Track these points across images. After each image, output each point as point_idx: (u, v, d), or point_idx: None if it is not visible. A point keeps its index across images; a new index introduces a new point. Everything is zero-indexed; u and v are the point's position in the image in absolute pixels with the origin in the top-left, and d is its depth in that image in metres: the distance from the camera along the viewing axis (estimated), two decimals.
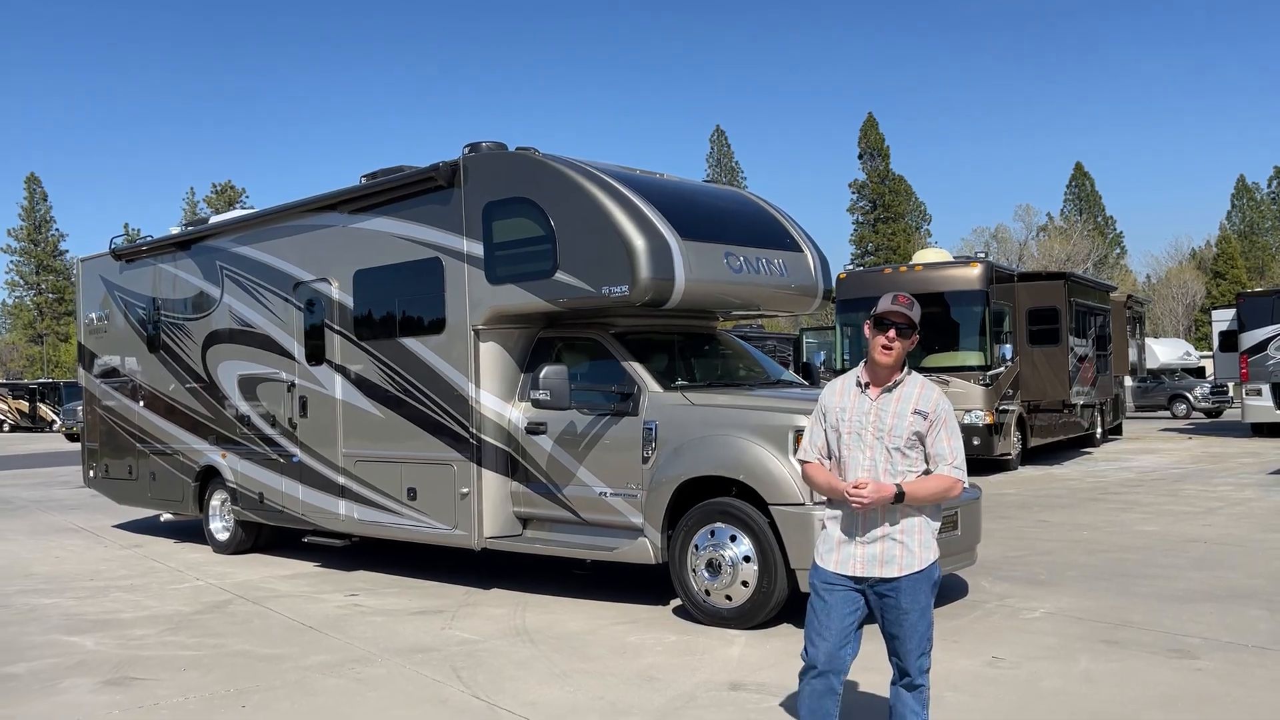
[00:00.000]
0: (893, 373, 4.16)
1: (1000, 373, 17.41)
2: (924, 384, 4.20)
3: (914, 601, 4.09)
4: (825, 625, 4.12)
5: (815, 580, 4.22)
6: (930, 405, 4.12)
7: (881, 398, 4.14)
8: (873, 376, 4.18)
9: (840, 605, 4.12)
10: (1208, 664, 6.10)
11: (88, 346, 13.54)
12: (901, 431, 4.09)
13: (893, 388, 4.15)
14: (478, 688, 6.02)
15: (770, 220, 9.19)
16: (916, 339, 4.18)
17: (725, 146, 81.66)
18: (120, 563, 11.06)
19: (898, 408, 4.11)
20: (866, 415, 4.12)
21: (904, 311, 4.11)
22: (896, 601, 4.09)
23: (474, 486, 8.59)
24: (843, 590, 4.13)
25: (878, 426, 4.11)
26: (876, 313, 4.13)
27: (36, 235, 79.07)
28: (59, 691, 6.21)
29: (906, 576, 4.09)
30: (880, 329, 4.11)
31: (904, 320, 4.10)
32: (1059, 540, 10.73)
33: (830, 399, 4.28)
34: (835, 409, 4.22)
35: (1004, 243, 73.45)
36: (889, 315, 4.10)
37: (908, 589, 4.09)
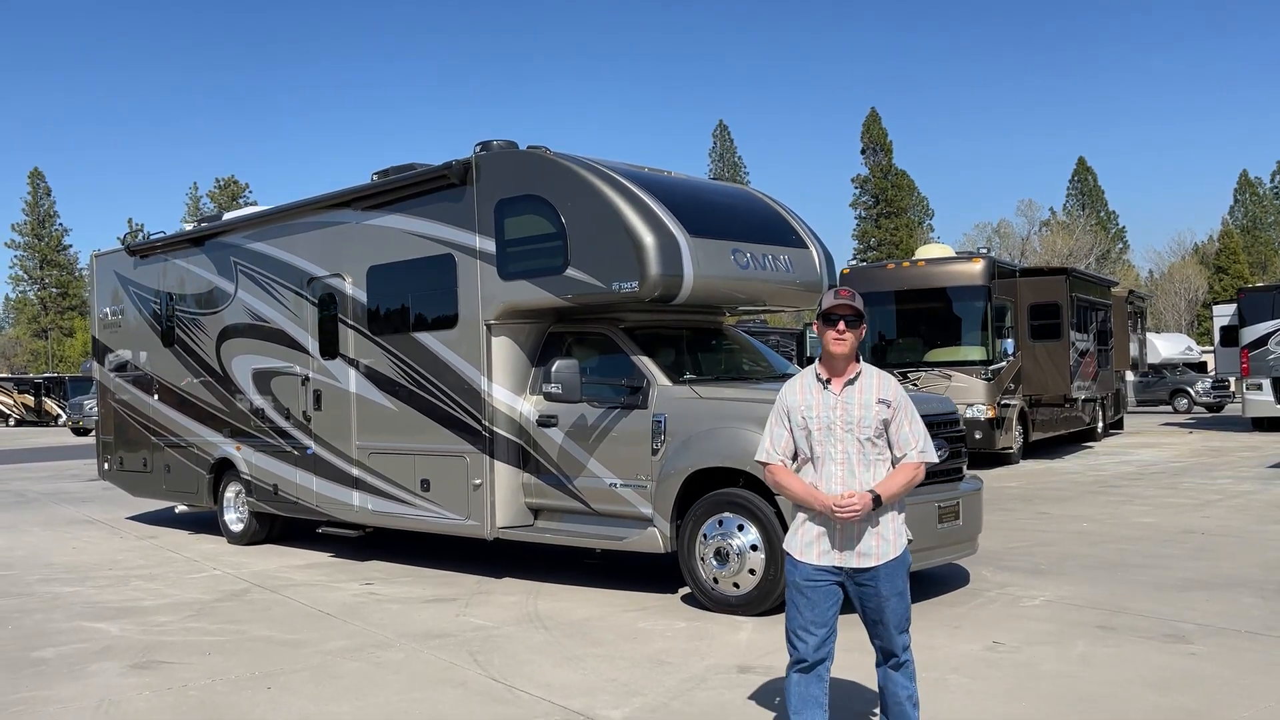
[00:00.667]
0: (849, 364, 4.29)
1: (1002, 367, 17.58)
2: (880, 374, 4.36)
3: (893, 587, 4.24)
4: (810, 620, 4.24)
5: (797, 578, 4.29)
6: (891, 393, 4.29)
7: (845, 391, 4.26)
8: (831, 370, 4.30)
9: (823, 599, 4.25)
10: (1201, 648, 6.30)
11: (102, 341, 13.74)
12: (870, 421, 4.23)
13: (854, 380, 4.28)
14: (494, 670, 6.22)
15: (776, 217, 9.38)
16: (865, 328, 4.37)
17: (728, 141, 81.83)
18: (137, 553, 11.27)
19: (862, 398, 4.25)
20: (833, 410, 4.24)
21: (849, 303, 4.27)
22: (877, 590, 4.23)
23: (486, 478, 8.78)
24: (825, 585, 4.24)
25: (846, 419, 4.23)
26: (823, 310, 4.30)
27: (40, 230, 79.32)
28: (88, 675, 6.41)
29: (885, 565, 4.23)
30: (829, 324, 4.26)
31: (850, 311, 4.25)
32: (1059, 532, 10.92)
33: (792, 398, 4.36)
34: (800, 407, 4.31)
35: (1006, 238, 73.58)
36: (835, 309, 4.26)
37: (886, 576, 4.23)
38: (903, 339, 18.78)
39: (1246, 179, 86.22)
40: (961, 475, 8.20)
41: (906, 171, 78.95)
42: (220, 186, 76.05)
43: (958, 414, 8.37)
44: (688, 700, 5.56)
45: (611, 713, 5.39)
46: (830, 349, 4.27)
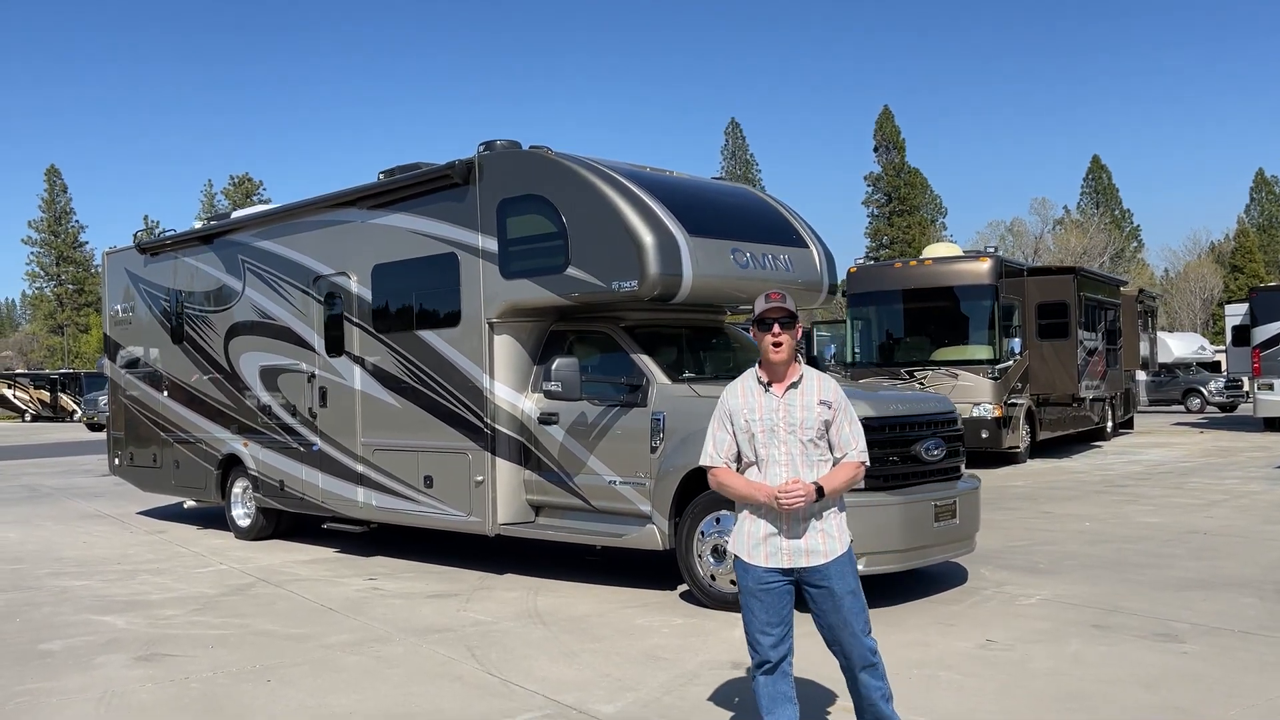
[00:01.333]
0: (789, 367, 4.32)
1: (1008, 366, 17.58)
2: (820, 375, 4.41)
3: (845, 584, 4.25)
4: (766, 622, 4.26)
5: (749, 582, 4.29)
6: (832, 395, 4.33)
7: (787, 394, 4.30)
8: (771, 375, 4.33)
9: (777, 601, 4.26)
10: (1194, 647, 6.33)
11: (113, 337, 13.88)
12: (812, 423, 4.27)
13: (796, 383, 4.31)
14: (491, 665, 6.30)
15: (777, 217, 9.43)
16: (801, 329, 4.40)
17: (740, 139, 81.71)
18: (146, 547, 11.40)
19: (804, 400, 4.29)
20: (776, 412, 4.27)
21: (781, 305, 4.30)
22: (830, 589, 4.24)
23: (488, 475, 8.86)
24: (777, 587, 4.26)
25: (789, 421, 4.26)
26: (756, 315, 4.32)
27: (57, 227, 79.80)
28: (94, 667, 6.52)
29: (834, 561, 4.25)
30: (764, 328, 4.29)
31: (783, 314, 4.28)
32: (1061, 531, 10.94)
33: (734, 401, 4.38)
34: (743, 410, 4.33)
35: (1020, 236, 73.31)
36: (768, 314, 4.29)
37: (837, 573, 4.25)
38: (910, 338, 18.79)
39: (1263, 177, 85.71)
40: (959, 474, 8.23)
41: (919, 169, 78.77)
42: (235, 184, 76.36)
43: (956, 414, 8.40)
44: (680, 695, 5.62)
45: (603, 707, 5.46)
46: (769, 354, 4.30)
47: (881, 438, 7.54)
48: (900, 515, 7.43)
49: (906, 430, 7.72)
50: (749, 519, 4.34)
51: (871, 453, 7.29)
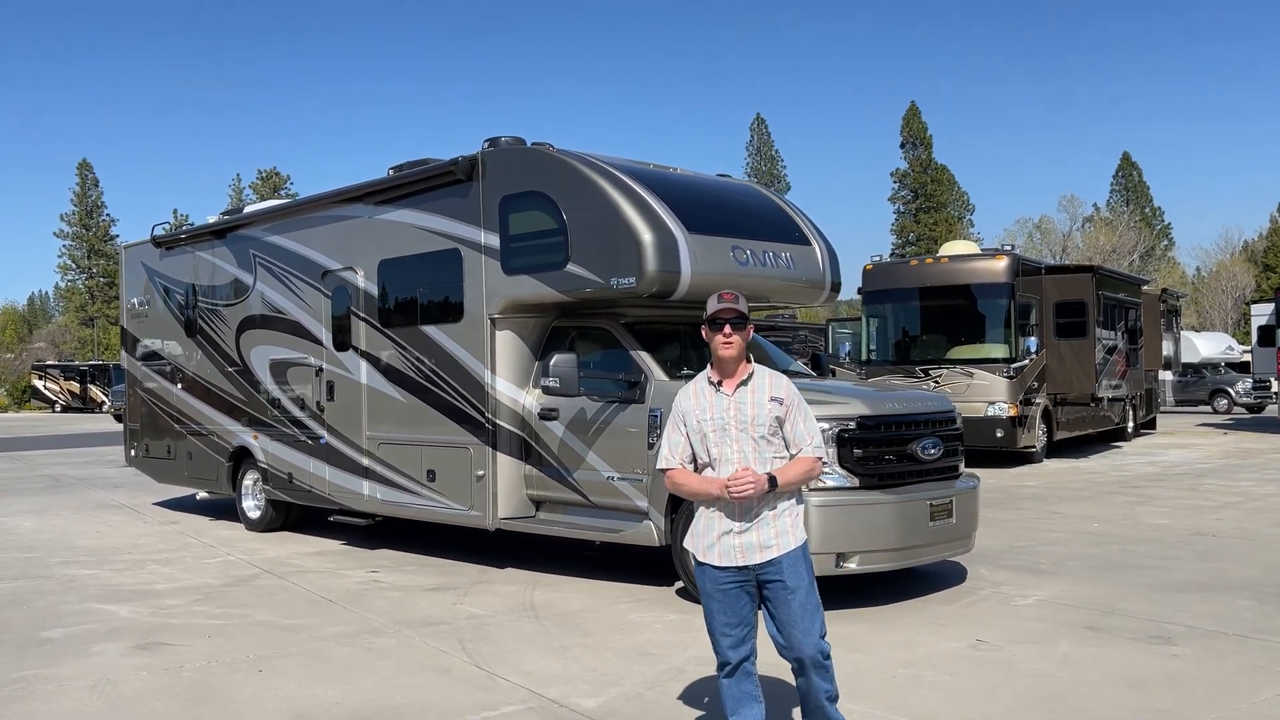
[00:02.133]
0: (739, 365, 4.33)
1: (1024, 365, 17.46)
2: (772, 374, 4.39)
3: (798, 578, 4.23)
4: (725, 623, 4.28)
5: (706, 584, 4.31)
6: (783, 391, 4.32)
7: (738, 392, 4.30)
8: (722, 373, 4.34)
9: (734, 602, 4.26)
10: (1184, 650, 6.29)
11: (130, 330, 14.06)
12: (764, 420, 4.25)
13: (746, 381, 4.32)
14: (480, 658, 6.35)
15: (779, 214, 9.42)
16: (752, 329, 4.41)
17: (765, 135, 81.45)
18: (158, 538, 11.55)
19: (755, 398, 4.28)
20: (727, 411, 4.27)
21: (732, 306, 4.30)
22: (783, 582, 4.21)
23: (489, 469, 8.92)
24: (734, 587, 4.26)
25: (739, 419, 4.26)
26: (708, 315, 4.32)
27: (88, 220, 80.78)
28: (91, 655, 6.63)
29: (786, 555, 4.23)
30: (715, 328, 4.30)
31: (734, 314, 4.29)
32: (1067, 531, 10.87)
33: (686, 403, 4.37)
34: (694, 412, 4.33)
35: (1048, 234, 72.74)
36: (720, 314, 4.29)
37: (790, 567, 4.22)
38: (925, 336, 18.71)
39: None
40: (958, 473, 8.20)
41: (946, 166, 78.30)
42: (262, 178, 77.02)
43: (955, 413, 8.36)
44: (663, 690, 5.65)
45: (585, 701, 5.49)
46: (719, 353, 4.31)
47: (876, 436, 7.54)
48: (894, 514, 7.41)
49: (902, 429, 7.70)
50: (704, 517, 4.34)
51: (865, 451, 7.44)
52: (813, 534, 7.11)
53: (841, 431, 7.36)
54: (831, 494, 7.29)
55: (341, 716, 5.34)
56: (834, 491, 7.31)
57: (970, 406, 17.26)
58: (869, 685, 5.66)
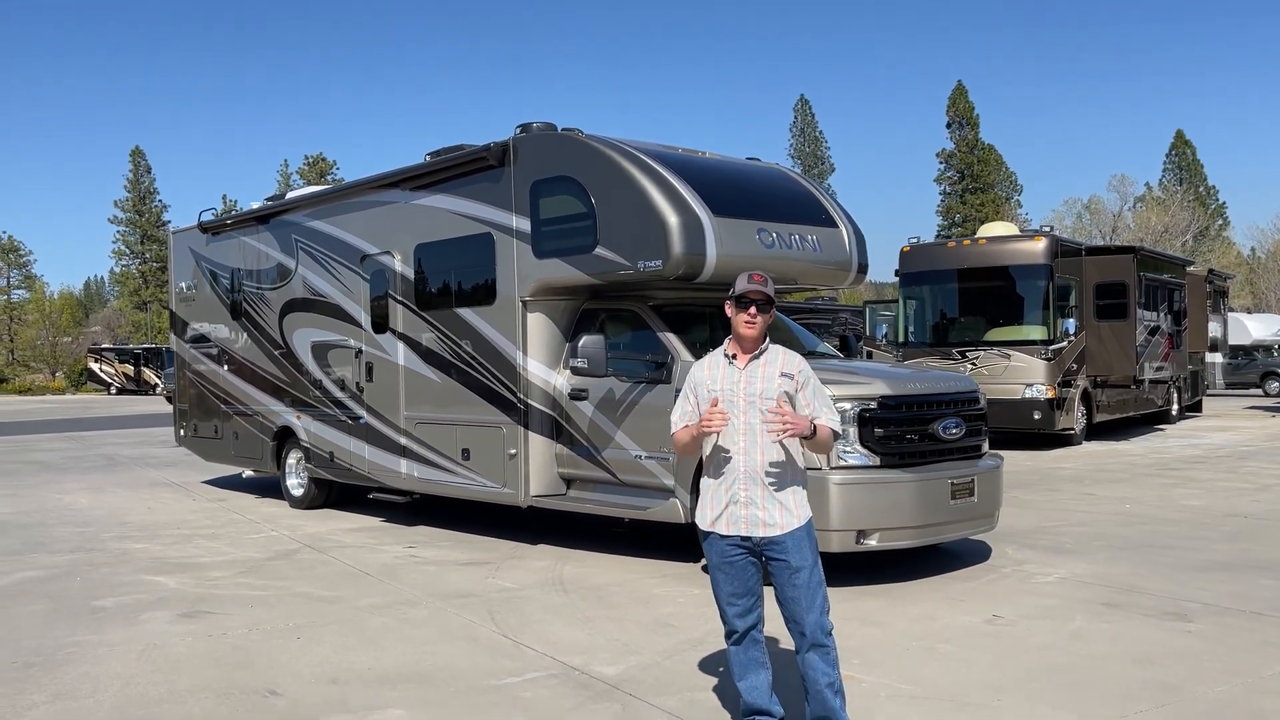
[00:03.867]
0: (757, 345, 4.46)
1: (1063, 347, 17.38)
2: (785, 351, 4.52)
3: (802, 558, 4.32)
4: (731, 593, 4.42)
5: (713, 555, 4.46)
6: (794, 368, 4.45)
7: (749, 366, 4.43)
8: (739, 349, 4.47)
9: (741, 571, 4.40)
10: (1199, 627, 6.37)
11: (178, 314, 14.48)
12: (771, 394, 4.35)
13: (758, 356, 4.45)
14: (507, 628, 6.59)
15: (806, 197, 9.53)
16: (774, 313, 4.52)
17: (809, 116, 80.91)
18: (205, 514, 11.95)
19: (765, 371, 4.41)
20: (737, 384, 4.40)
21: (761, 289, 4.42)
22: (787, 561, 4.32)
23: (521, 448, 9.16)
24: (740, 557, 4.39)
25: (748, 392, 4.37)
26: (736, 293, 4.44)
27: (141, 206, 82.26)
28: (140, 622, 6.97)
29: (790, 534, 4.33)
30: (741, 307, 4.42)
31: (762, 297, 4.41)
32: (1099, 512, 10.90)
33: (700, 374, 4.52)
34: (706, 382, 4.47)
35: (1097, 214, 71.59)
36: (749, 294, 4.41)
37: (794, 546, 4.32)
38: (963, 318, 18.67)
39: None
40: (980, 453, 8.29)
41: (994, 146, 77.23)
42: (309, 163, 77.94)
43: (978, 393, 8.43)
44: (680, 660, 5.85)
45: (606, 669, 5.71)
46: (740, 331, 4.43)
47: (898, 416, 7.66)
48: (914, 492, 7.53)
49: (923, 409, 7.81)
50: (711, 489, 4.47)
51: (887, 430, 7.57)
52: (833, 511, 7.34)
53: (863, 411, 7.48)
54: (852, 472, 7.43)
55: (373, 680, 5.60)
56: (855, 470, 7.45)
57: (1007, 388, 17.28)
58: (881, 657, 5.82)
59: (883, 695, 5.21)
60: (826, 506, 7.31)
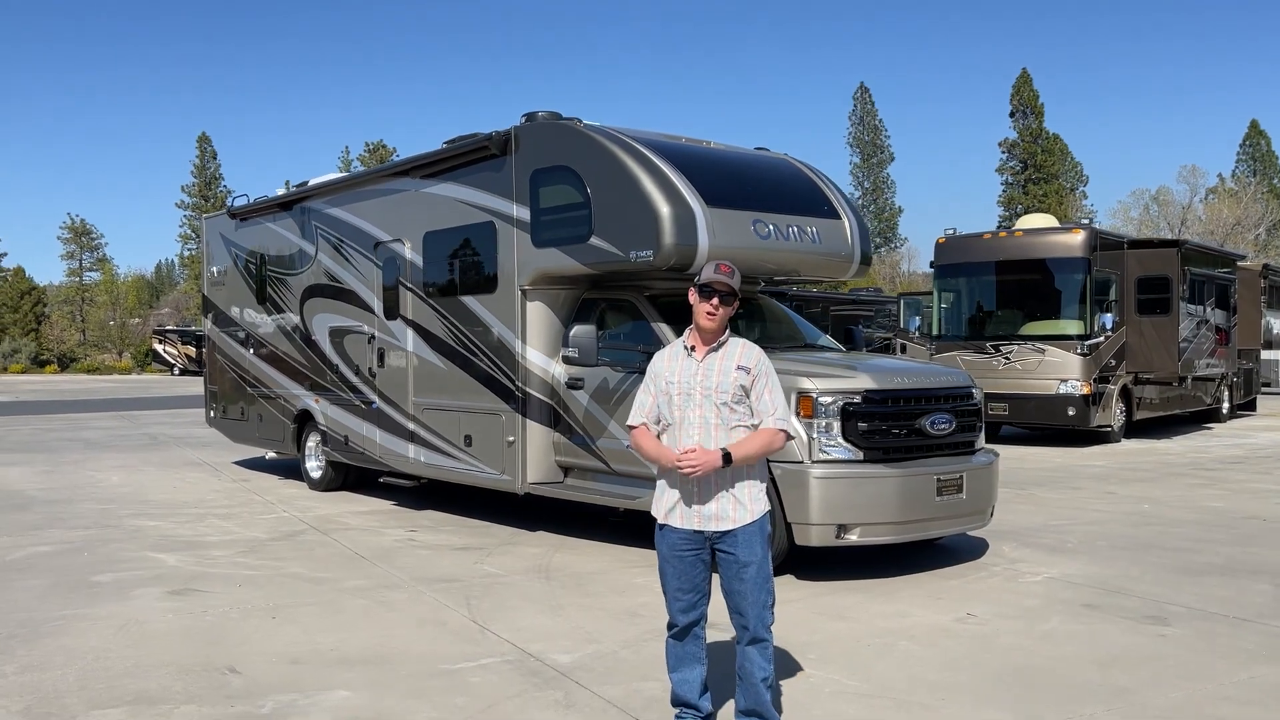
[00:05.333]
0: (717, 336, 4.41)
1: (1100, 342, 17.02)
2: (745, 344, 4.47)
3: (751, 552, 4.31)
4: (678, 587, 4.41)
5: (663, 546, 4.45)
6: (751, 361, 4.39)
7: (707, 358, 4.39)
8: (698, 341, 4.43)
9: (690, 566, 4.38)
10: (1176, 631, 6.23)
11: (210, 298, 14.81)
12: (727, 387, 4.33)
13: (717, 348, 4.41)
14: (479, 614, 6.67)
15: (809, 187, 9.45)
16: (737, 304, 4.46)
17: (869, 104, 79.96)
18: (225, 494, 12.23)
19: (722, 364, 4.37)
20: (694, 376, 4.37)
21: (726, 280, 4.37)
22: (735, 555, 4.31)
23: (519, 436, 9.24)
24: (691, 551, 4.37)
25: (704, 385, 4.35)
26: (700, 281, 4.39)
27: (207, 191, 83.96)
28: (131, 598, 7.17)
29: (742, 528, 4.32)
30: (705, 296, 4.37)
31: (726, 288, 4.37)
32: (1113, 512, 10.69)
33: (659, 364, 4.50)
34: (664, 374, 4.44)
35: (1165, 206, 69.80)
36: (713, 284, 4.36)
37: (744, 541, 4.32)
38: (999, 311, 18.37)
39: None
40: (973, 449, 8.18)
41: (1059, 135, 75.65)
42: (370, 150, 78.92)
43: (972, 388, 8.31)
44: (637, 650, 5.87)
45: (561, 657, 5.75)
46: (701, 322, 4.40)
47: (883, 410, 7.59)
48: (897, 487, 7.45)
49: (910, 403, 7.72)
50: (664, 485, 4.49)
51: (871, 425, 7.50)
52: (813, 504, 7.31)
53: (846, 405, 7.43)
54: (834, 466, 7.38)
55: (332, 661, 5.71)
56: (837, 464, 7.40)
57: (1042, 384, 17.01)
58: (837, 653, 5.79)
59: (827, 691, 5.19)
60: (806, 499, 7.29)
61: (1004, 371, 17.29)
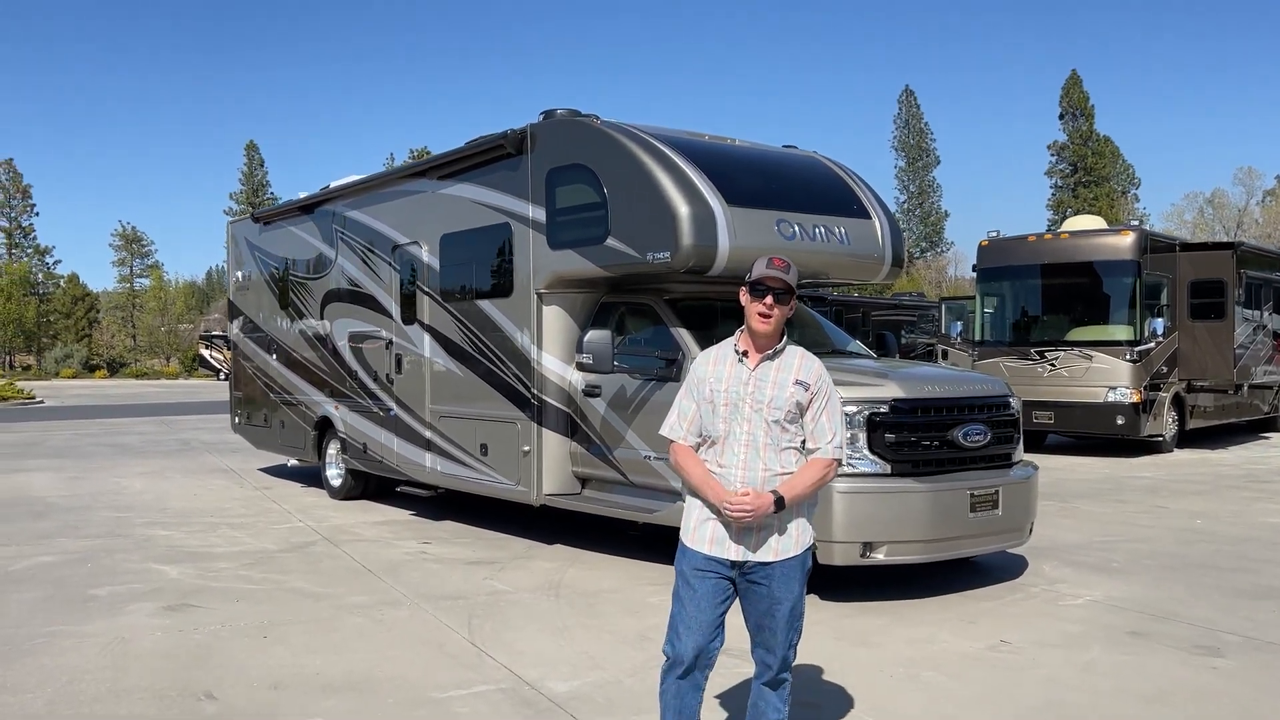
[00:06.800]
0: (772, 341, 3.86)
1: (1150, 348, 16.35)
2: (804, 354, 3.92)
3: (788, 590, 3.79)
4: (694, 617, 3.78)
5: (684, 565, 3.85)
6: (812, 376, 3.85)
7: (761, 367, 3.83)
8: (751, 345, 3.87)
9: (711, 594, 3.79)
10: (1227, 663, 5.72)
11: (235, 303, 14.65)
12: (782, 403, 3.78)
13: (773, 356, 3.85)
14: (479, 636, 6.31)
15: (837, 186, 9.01)
16: (795, 304, 3.90)
17: (914, 107, 78.96)
18: (244, 502, 12.01)
19: (778, 377, 3.81)
20: (745, 386, 3.80)
21: (780, 276, 3.80)
22: (770, 589, 3.78)
23: (535, 445, 8.88)
24: (714, 578, 3.80)
25: (756, 398, 3.79)
26: (751, 278, 3.84)
27: (254, 198, 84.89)
28: (123, 613, 6.90)
29: (781, 562, 3.79)
30: (757, 295, 3.81)
31: (781, 285, 3.80)
32: (1163, 528, 10.11)
33: (704, 369, 3.91)
34: (710, 380, 3.86)
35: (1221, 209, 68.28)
36: (765, 280, 3.80)
37: (782, 576, 3.78)
38: (1044, 316, 17.75)
39: None
40: (1010, 462, 7.69)
41: (1110, 137, 74.19)
42: (414, 156, 79.32)
43: (1009, 397, 7.82)
44: (642, 679, 5.47)
45: (558, 685, 5.38)
46: (754, 324, 3.82)
47: (913, 421, 7.13)
48: (927, 503, 6.99)
49: (943, 414, 7.26)
50: (698, 506, 3.90)
51: (899, 436, 7.06)
52: (837, 521, 6.87)
53: (873, 415, 6.98)
54: (859, 480, 6.93)
55: (314, 687, 5.38)
56: (862, 478, 6.95)
57: (1089, 391, 16.38)
58: (855, 683, 5.35)
59: None
60: (830, 516, 6.85)
61: (1049, 378, 16.68)
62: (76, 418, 28.12)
